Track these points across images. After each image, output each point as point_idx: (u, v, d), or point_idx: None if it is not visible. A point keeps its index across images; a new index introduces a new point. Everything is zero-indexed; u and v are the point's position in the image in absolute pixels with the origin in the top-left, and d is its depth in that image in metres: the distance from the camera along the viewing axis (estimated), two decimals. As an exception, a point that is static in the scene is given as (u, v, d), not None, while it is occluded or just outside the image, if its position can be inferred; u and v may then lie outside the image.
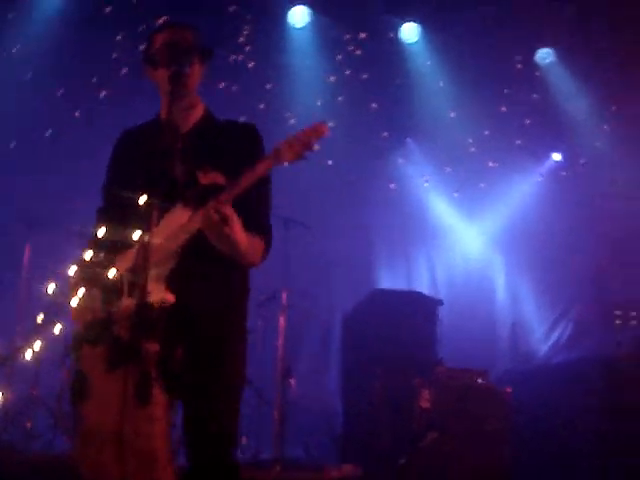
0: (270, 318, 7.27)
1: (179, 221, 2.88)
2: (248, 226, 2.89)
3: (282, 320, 6.95)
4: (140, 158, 3.09)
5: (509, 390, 6.51)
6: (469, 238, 9.41)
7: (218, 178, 2.99)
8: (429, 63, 8.79)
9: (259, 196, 3.07)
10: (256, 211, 3.06)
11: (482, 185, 8.99)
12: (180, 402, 2.90)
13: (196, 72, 3.14)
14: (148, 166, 2.88)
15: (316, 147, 2.87)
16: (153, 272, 2.72)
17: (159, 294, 2.77)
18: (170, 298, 2.79)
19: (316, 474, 6.63)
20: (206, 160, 3.04)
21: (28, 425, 6.65)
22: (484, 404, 6.37)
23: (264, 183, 3.05)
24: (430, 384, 6.49)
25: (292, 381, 6.96)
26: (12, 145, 8.06)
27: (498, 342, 8.89)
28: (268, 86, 8.46)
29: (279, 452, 6.63)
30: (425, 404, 6.42)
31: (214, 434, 2.92)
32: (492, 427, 6.27)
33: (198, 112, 3.23)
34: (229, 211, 2.76)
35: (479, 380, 6.60)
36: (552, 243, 8.81)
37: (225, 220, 2.75)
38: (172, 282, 2.84)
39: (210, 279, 2.97)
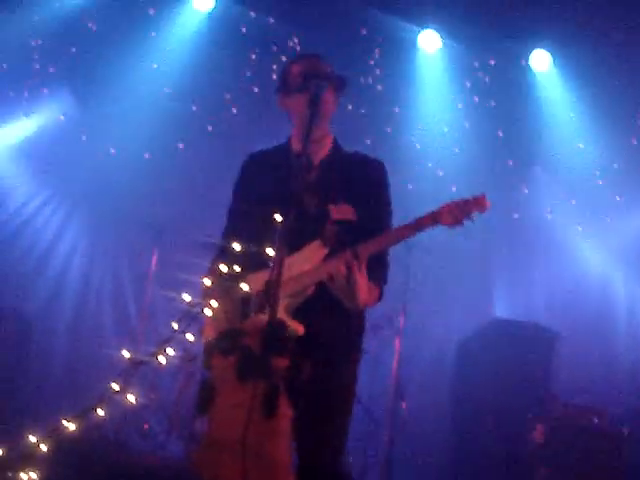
0: (386, 340, 7.29)
1: (315, 257, 2.95)
2: (370, 272, 2.94)
3: (397, 343, 6.97)
4: (270, 184, 3.16)
5: (627, 431, 6.30)
6: (592, 270, 9.15)
7: (349, 213, 3.06)
8: (559, 92, 8.65)
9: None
10: (380, 257, 3.10)
11: (608, 220, 8.75)
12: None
13: (331, 100, 3.19)
14: (280, 193, 2.89)
15: (474, 218, 2.92)
16: (285, 302, 2.80)
17: (291, 323, 2.85)
18: (300, 329, 2.86)
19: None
20: (339, 192, 3.11)
21: (145, 427, 6.88)
22: (599, 445, 6.19)
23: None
24: (544, 419, 6.35)
25: (403, 404, 6.96)
26: (146, 155, 8.40)
27: (617, 379, 8.60)
28: (396, 110, 8.51)
29: (384, 474, 6.63)
30: (538, 438, 6.30)
31: (326, 441, 3.01)
32: (606, 468, 6.09)
33: (328, 143, 3.27)
34: (357, 268, 2.82)
35: (595, 419, 6.41)
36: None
37: (351, 276, 2.81)
38: (299, 314, 2.92)
39: (332, 313, 3.02)
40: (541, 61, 8.54)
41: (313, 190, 3.10)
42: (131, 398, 3.06)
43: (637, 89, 8.31)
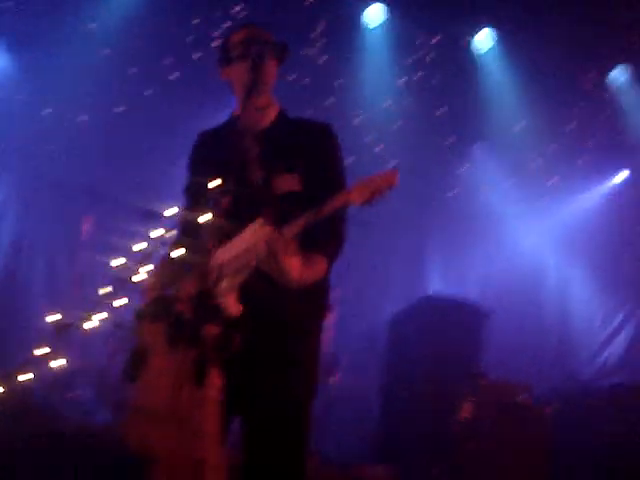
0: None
1: (256, 236, 2.81)
2: (311, 241, 2.88)
3: (331, 316, 6.97)
4: (217, 161, 3.07)
5: (549, 410, 6.43)
6: (525, 250, 9.31)
7: (294, 183, 3.00)
8: (501, 72, 8.72)
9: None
10: (328, 228, 3.00)
11: (543, 199, 8.91)
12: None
13: (272, 67, 3.14)
14: (226, 169, 2.87)
15: (385, 195, 2.81)
16: (227, 283, 2.75)
17: (229, 304, 2.80)
18: (236, 309, 2.77)
19: (348, 472, 6.64)
20: (282, 162, 3.05)
21: (73, 395, 6.79)
22: (523, 422, 6.31)
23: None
24: (471, 396, 6.45)
25: (334, 378, 6.99)
26: (83, 118, 8.22)
27: (545, 356, 8.80)
28: (338, 82, 8.48)
29: (314, 445, 6.64)
30: (465, 415, 6.39)
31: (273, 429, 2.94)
32: (529, 446, 6.22)
33: (273, 111, 3.21)
34: (283, 248, 2.74)
35: (520, 396, 6.53)
36: (611, 255, 8.74)
37: (276, 255, 2.73)
38: (244, 292, 2.82)
39: (280, 289, 2.91)
40: (485, 41, 8.62)
41: (257, 161, 3.05)
42: (58, 363, 3.01)
43: (580, 72, 8.43)
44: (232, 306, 2.77)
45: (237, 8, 7.95)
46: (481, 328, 7.44)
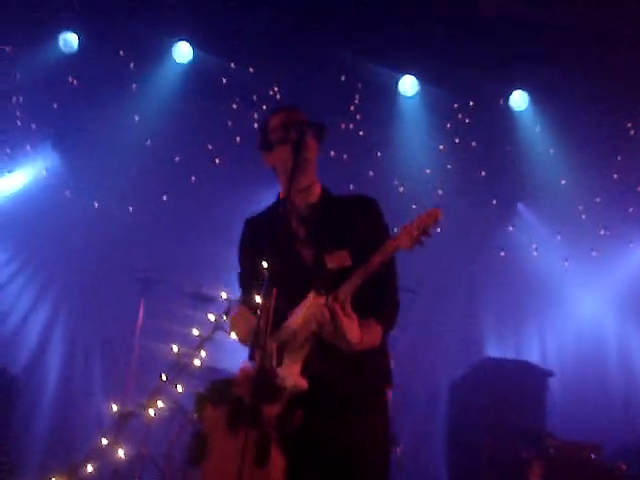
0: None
1: (312, 308, 2.91)
2: (366, 308, 2.92)
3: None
4: (265, 242, 3.08)
5: (623, 467, 6.25)
6: (581, 309, 9.16)
7: (345, 259, 3.04)
8: (538, 129, 8.74)
9: (382, 277, 3.03)
10: (379, 293, 3.06)
11: (594, 254, 8.79)
12: None
13: (312, 148, 3.20)
14: (276, 251, 2.88)
15: (433, 232, 2.91)
16: (289, 357, 2.77)
17: (293, 378, 2.82)
18: (303, 384, 2.83)
19: None
20: (331, 240, 3.09)
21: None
22: (598, 480, 6.14)
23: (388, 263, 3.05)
24: (541, 458, 6.29)
25: (397, 449, 6.88)
26: (130, 208, 8.40)
27: (612, 416, 8.55)
28: (378, 154, 8.56)
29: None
30: (536, 478, 6.23)
31: None
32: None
33: (316, 190, 3.27)
34: (340, 311, 2.79)
35: (592, 455, 6.36)
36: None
37: (336, 319, 2.78)
38: (307, 367, 2.88)
39: (343, 362, 2.95)
40: (519, 100, 8.67)
41: (306, 240, 3.10)
42: (121, 452, 3.02)
43: (615, 124, 8.43)
44: (298, 380, 2.79)
45: (275, 89, 8.13)
46: (544, 388, 7.29)
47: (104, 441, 2.93)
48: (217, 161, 8.43)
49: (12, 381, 7.18)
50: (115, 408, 3.01)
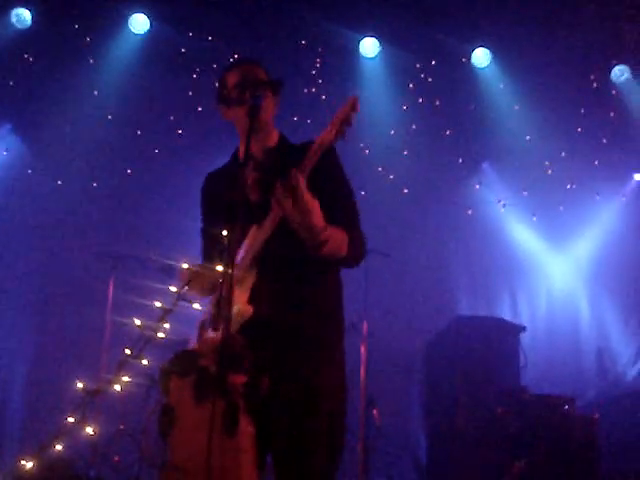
0: (351, 348, 7.23)
1: (255, 238, 2.95)
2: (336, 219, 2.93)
3: (363, 350, 6.94)
4: (223, 195, 3.14)
5: (596, 416, 6.34)
6: (551, 264, 9.24)
7: None
8: (502, 86, 8.73)
9: (343, 206, 3.11)
10: (340, 212, 3.07)
11: (561, 208, 8.83)
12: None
13: (270, 105, 3.19)
14: (230, 201, 2.90)
15: (354, 122, 2.93)
16: (238, 290, 2.77)
17: (237, 305, 2.81)
18: (248, 310, 2.84)
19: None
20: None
21: (116, 459, 6.76)
22: (571, 432, 6.23)
23: (345, 195, 3.15)
24: (515, 412, 6.36)
25: (375, 411, 6.91)
26: (94, 184, 8.31)
27: (584, 369, 8.66)
28: (341, 116, 8.49)
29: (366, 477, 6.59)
30: (511, 432, 6.31)
31: (305, 469, 2.91)
32: (580, 454, 6.13)
33: (274, 139, 3.27)
34: (297, 180, 2.76)
35: (566, 407, 6.45)
36: (638, 266, 8.61)
37: (295, 189, 2.75)
38: (256, 296, 2.90)
39: (296, 285, 2.99)
40: (481, 57, 8.63)
41: (259, 185, 3.09)
42: (89, 430, 2.99)
43: (578, 77, 8.43)
44: (243, 306, 2.82)
45: (235, 57, 8.02)
46: (517, 344, 7.35)
47: (70, 420, 2.88)
48: (179, 132, 8.34)
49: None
50: (81, 385, 2.97)
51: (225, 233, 2.75)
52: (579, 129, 8.55)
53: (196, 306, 2.93)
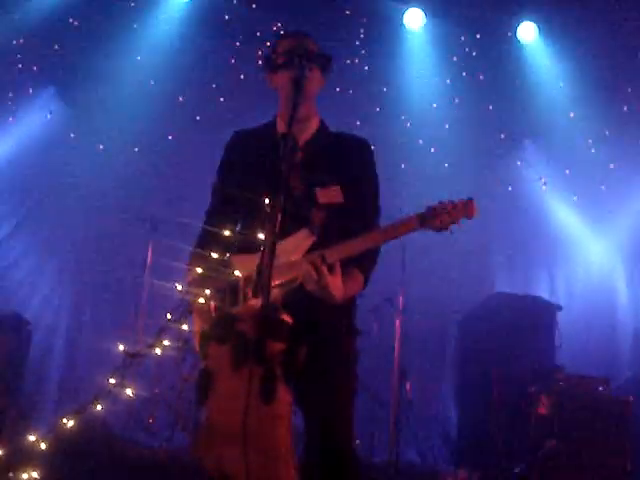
0: (386, 321, 7.25)
1: (302, 246, 2.96)
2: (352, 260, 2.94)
3: (398, 323, 6.95)
4: (257, 164, 3.14)
5: (631, 399, 6.29)
6: (590, 244, 9.13)
7: (337, 195, 3.05)
8: (547, 62, 8.60)
9: (364, 208, 3.16)
10: (362, 211, 3.12)
11: (603, 187, 8.71)
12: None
13: (316, 78, 3.17)
14: (266, 174, 2.90)
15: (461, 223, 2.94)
16: (274, 292, 2.77)
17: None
18: (288, 320, 2.83)
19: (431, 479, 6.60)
20: (325, 174, 3.10)
21: (150, 422, 6.86)
22: (605, 413, 6.19)
23: (372, 194, 3.20)
24: (549, 391, 6.34)
25: (408, 384, 6.93)
26: (136, 149, 8.36)
27: (620, 350, 8.58)
28: (384, 89, 8.46)
29: (393, 455, 6.61)
30: (543, 411, 6.28)
31: (333, 429, 2.98)
32: (613, 435, 6.09)
33: (314, 123, 3.25)
34: (327, 272, 2.80)
35: (600, 388, 6.41)
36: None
37: (322, 279, 2.79)
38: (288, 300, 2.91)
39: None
40: (527, 32, 8.50)
41: (298, 172, 3.06)
42: (128, 392, 3.04)
43: (625, 56, 8.27)
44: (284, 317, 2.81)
45: (278, 25, 7.99)
46: (553, 323, 7.31)
47: (111, 381, 2.93)
48: (221, 99, 8.35)
49: (24, 325, 7.22)
50: (122, 348, 3.01)
51: (267, 201, 2.74)
52: (625, 108, 8.39)
53: (238, 273, 2.94)
